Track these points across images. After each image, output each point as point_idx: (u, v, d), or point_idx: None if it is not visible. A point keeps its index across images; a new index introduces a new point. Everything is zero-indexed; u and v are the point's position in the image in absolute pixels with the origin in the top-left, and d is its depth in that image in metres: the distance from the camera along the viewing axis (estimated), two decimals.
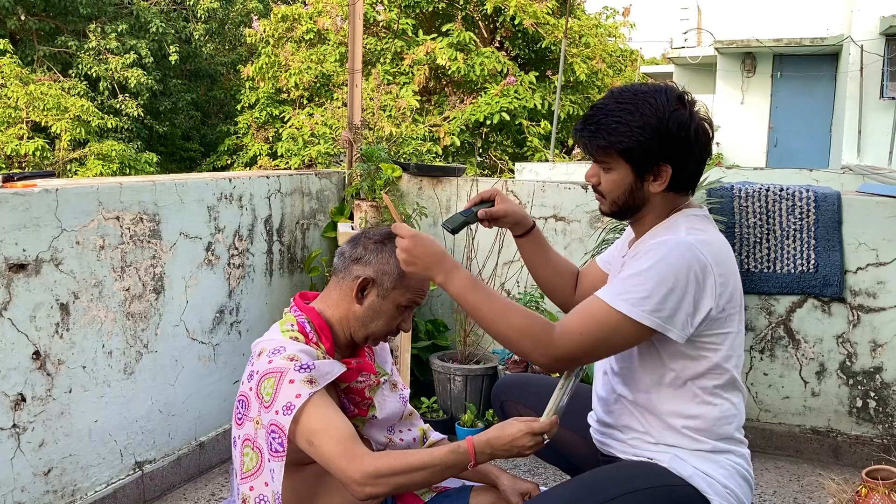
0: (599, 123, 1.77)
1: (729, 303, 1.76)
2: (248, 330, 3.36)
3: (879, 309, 3.30)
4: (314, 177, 3.86)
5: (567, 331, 1.71)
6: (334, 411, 1.71)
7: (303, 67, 10.88)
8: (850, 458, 3.36)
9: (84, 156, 12.30)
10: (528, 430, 1.69)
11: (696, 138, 1.77)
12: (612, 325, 1.68)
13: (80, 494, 2.60)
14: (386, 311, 1.88)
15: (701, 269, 1.70)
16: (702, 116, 1.79)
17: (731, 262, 1.78)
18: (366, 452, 1.65)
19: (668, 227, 1.80)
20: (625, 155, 1.76)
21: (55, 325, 2.47)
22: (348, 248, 1.91)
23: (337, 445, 1.65)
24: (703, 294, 1.70)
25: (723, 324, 1.76)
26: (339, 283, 1.90)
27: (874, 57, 12.81)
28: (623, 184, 1.80)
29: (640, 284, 1.68)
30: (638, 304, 1.67)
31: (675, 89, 1.80)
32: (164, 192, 2.88)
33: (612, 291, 1.71)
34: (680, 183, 1.80)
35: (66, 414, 2.53)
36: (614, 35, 12.79)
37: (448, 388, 3.60)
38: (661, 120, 1.73)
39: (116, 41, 13.72)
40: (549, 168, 8.26)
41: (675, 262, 1.68)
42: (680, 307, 1.68)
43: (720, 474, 1.79)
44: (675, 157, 1.76)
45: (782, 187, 3.38)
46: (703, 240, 1.74)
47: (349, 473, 1.62)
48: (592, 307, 1.72)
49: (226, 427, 3.26)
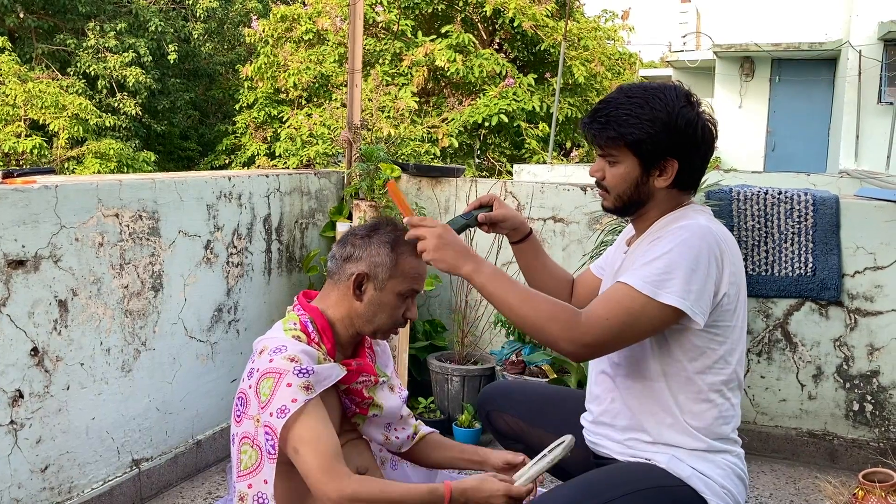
0: (609, 115, 1.79)
1: (737, 294, 1.78)
2: (246, 329, 3.36)
3: (877, 313, 3.31)
4: (313, 176, 3.86)
5: (593, 315, 1.70)
6: (325, 424, 1.72)
7: (301, 68, 10.87)
8: (847, 462, 3.36)
9: (82, 154, 12.27)
10: (506, 492, 1.74)
11: (703, 136, 1.80)
12: (638, 308, 1.68)
13: (76, 492, 2.59)
14: (387, 302, 1.88)
15: (721, 253, 1.73)
16: (707, 117, 1.82)
17: (739, 256, 1.82)
18: (347, 473, 1.66)
19: (682, 216, 1.82)
20: (633, 147, 1.78)
21: (53, 322, 2.46)
22: (338, 248, 1.91)
23: (320, 459, 1.66)
24: (721, 278, 1.73)
25: (730, 315, 1.78)
26: (336, 284, 1.90)
27: (872, 62, 12.84)
28: (629, 177, 1.81)
29: (664, 266, 1.69)
30: (661, 285, 1.67)
31: (683, 88, 1.83)
32: (163, 189, 2.88)
33: (635, 275, 1.71)
34: (684, 179, 1.82)
35: (64, 411, 2.52)
36: (613, 38, 12.81)
37: (445, 389, 3.60)
38: (670, 115, 1.75)
39: (115, 40, 13.69)
40: (547, 170, 8.27)
41: (697, 244, 1.70)
42: (704, 289, 1.69)
43: (717, 474, 1.79)
44: (682, 152, 1.78)
45: (781, 190, 3.39)
46: (719, 229, 1.78)
47: (326, 490, 1.64)
48: (618, 292, 1.72)
49: (223, 426, 3.25)
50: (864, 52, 12.85)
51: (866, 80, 12.93)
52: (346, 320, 1.89)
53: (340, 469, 1.66)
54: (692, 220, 1.77)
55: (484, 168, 11.20)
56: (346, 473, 1.66)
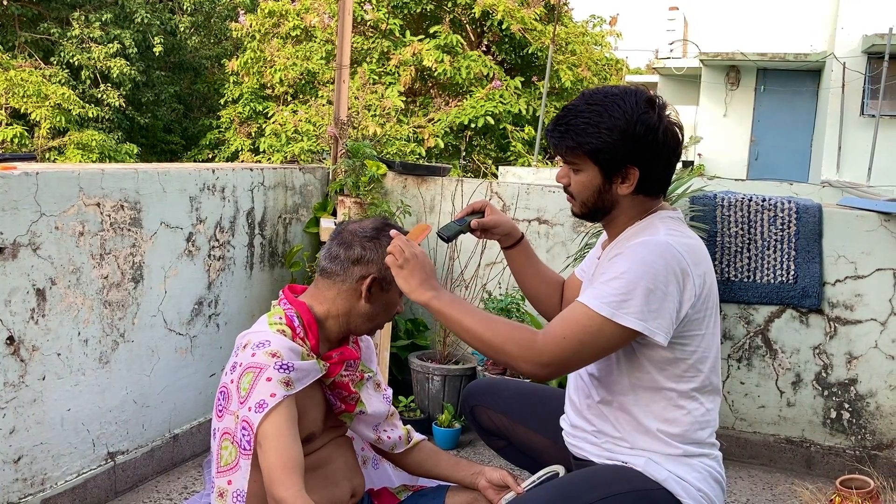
0: (569, 124, 1.78)
1: (705, 304, 1.77)
2: (226, 323, 3.33)
3: (856, 321, 3.33)
4: (298, 171, 3.84)
5: (550, 335, 1.70)
6: (294, 429, 1.70)
7: (288, 64, 10.82)
8: (823, 469, 3.38)
9: (63, 144, 12.17)
10: None
11: (665, 141, 1.77)
12: (595, 328, 1.68)
13: (49, 483, 2.56)
14: (390, 300, 1.90)
15: (681, 270, 1.70)
16: (671, 120, 1.79)
17: (707, 263, 1.79)
18: (301, 487, 1.64)
19: (646, 228, 1.81)
20: (592, 156, 1.77)
21: (30, 311, 2.43)
22: (342, 249, 1.86)
23: (281, 460, 1.65)
24: (683, 294, 1.71)
25: (699, 324, 1.77)
26: (336, 284, 1.86)
27: (856, 74, 12.98)
28: (591, 185, 1.81)
29: (622, 287, 1.67)
30: (619, 306, 1.67)
31: (646, 92, 1.80)
32: (146, 180, 2.84)
33: (593, 295, 1.71)
34: (648, 186, 1.80)
35: (39, 401, 2.49)
36: (601, 44, 12.85)
37: (426, 388, 3.59)
38: (628, 122, 1.73)
39: (100, 30, 13.58)
40: (532, 173, 8.27)
41: (656, 262, 1.69)
42: (663, 308, 1.68)
43: (694, 478, 1.80)
44: (642, 159, 1.76)
45: (764, 198, 3.41)
46: (681, 241, 1.75)
47: (279, 494, 1.62)
48: (575, 312, 1.71)
49: (201, 420, 3.22)
50: (848, 65, 12.99)
51: (850, 92, 13.07)
52: (342, 318, 1.87)
53: (297, 479, 1.64)
54: (652, 237, 1.75)
55: (469, 170, 11.19)
56: (300, 487, 1.64)
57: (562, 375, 1.82)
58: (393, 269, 1.78)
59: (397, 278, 1.77)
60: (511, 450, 2.26)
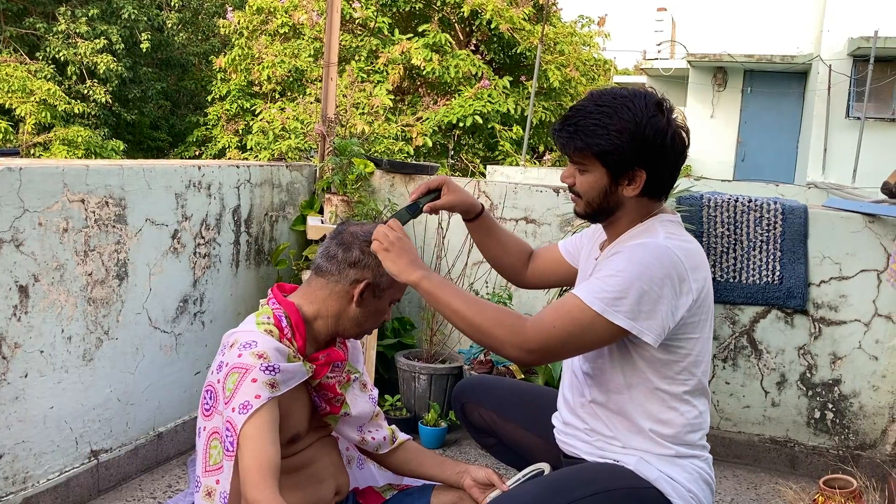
0: (578, 125, 1.77)
1: (700, 308, 1.78)
2: (211, 321, 3.32)
3: (840, 322, 3.35)
4: (285, 169, 3.82)
5: (540, 323, 1.71)
6: (274, 431, 1.70)
7: (276, 61, 10.79)
8: (807, 469, 3.40)
9: (49, 140, 12.08)
10: None
11: (672, 145, 1.77)
12: (586, 322, 1.68)
13: (31, 482, 2.53)
14: (381, 308, 1.90)
15: (678, 274, 1.71)
16: (679, 124, 1.80)
17: (705, 268, 1.80)
18: (275, 490, 1.63)
19: (646, 230, 1.81)
20: (600, 158, 1.77)
21: (13, 308, 2.40)
22: (340, 250, 1.86)
23: (257, 462, 1.64)
24: (678, 298, 1.71)
25: (694, 328, 1.78)
26: (329, 284, 1.86)
27: (841, 77, 13.06)
28: (598, 186, 1.81)
29: (617, 285, 1.68)
30: (612, 304, 1.67)
31: (655, 95, 1.81)
32: (131, 176, 2.82)
33: (588, 289, 1.71)
34: (654, 188, 1.81)
35: (21, 399, 2.46)
36: (589, 44, 12.88)
37: (412, 387, 3.58)
38: (638, 125, 1.73)
39: (87, 26, 13.49)
40: (520, 172, 8.29)
41: (652, 264, 1.69)
42: (656, 310, 1.68)
43: (684, 478, 1.81)
44: (650, 162, 1.76)
45: (751, 198, 3.42)
46: (679, 245, 1.76)
47: (252, 496, 1.62)
48: (568, 303, 1.72)
49: (185, 418, 3.20)
50: (834, 67, 13.06)
51: (835, 94, 13.15)
52: (332, 320, 1.86)
53: (272, 483, 1.64)
54: (652, 239, 1.76)
55: (457, 169, 11.20)
56: (275, 490, 1.63)
57: (546, 363, 1.83)
58: (379, 254, 1.78)
59: (385, 261, 1.78)
60: (501, 448, 2.26)
